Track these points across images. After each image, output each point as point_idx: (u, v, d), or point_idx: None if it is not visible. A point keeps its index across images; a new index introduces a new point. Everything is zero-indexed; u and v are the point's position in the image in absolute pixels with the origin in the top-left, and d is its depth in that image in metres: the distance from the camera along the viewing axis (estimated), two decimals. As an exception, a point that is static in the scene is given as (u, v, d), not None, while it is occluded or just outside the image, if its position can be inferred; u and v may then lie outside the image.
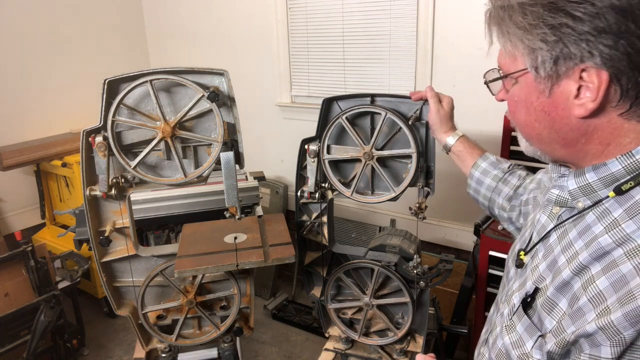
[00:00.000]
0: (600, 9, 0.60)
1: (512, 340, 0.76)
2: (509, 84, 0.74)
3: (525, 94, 0.72)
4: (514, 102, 0.75)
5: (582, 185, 0.71)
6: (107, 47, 3.48)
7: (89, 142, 1.45)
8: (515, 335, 0.76)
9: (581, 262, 0.67)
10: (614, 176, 0.67)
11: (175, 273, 1.44)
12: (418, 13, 2.47)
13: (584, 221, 0.72)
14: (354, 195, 1.59)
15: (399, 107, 1.52)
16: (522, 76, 0.71)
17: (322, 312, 1.78)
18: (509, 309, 0.81)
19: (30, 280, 2.42)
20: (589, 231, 0.69)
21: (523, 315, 0.75)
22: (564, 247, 0.74)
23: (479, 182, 1.28)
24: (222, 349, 1.75)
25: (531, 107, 0.72)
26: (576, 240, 0.71)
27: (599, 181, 0.69)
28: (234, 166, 1.47)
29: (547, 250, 0.79)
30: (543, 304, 0.72)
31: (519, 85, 0.72)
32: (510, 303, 0.81)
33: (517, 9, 0.67)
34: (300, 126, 2.96)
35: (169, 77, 1.43)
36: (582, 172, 0.71)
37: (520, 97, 0.73)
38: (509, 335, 0.77)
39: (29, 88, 3.07)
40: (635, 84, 0.63)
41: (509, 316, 0.80)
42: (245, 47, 3.23)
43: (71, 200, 3.03)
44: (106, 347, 2.84)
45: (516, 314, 0.77)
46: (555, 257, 0.75)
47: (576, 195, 0.73)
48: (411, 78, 2.60)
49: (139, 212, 2.26)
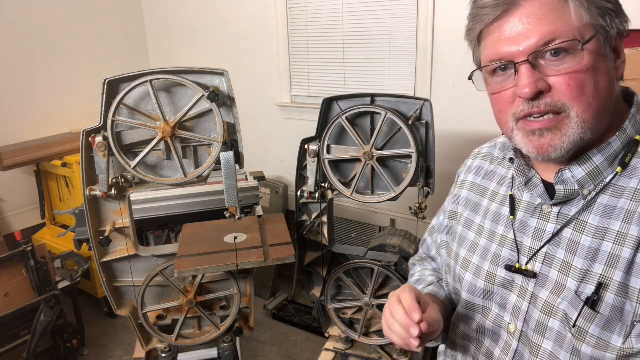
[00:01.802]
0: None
1: (592, 345, 0.72)
2: (584, 54, 0.70)
3: (596, 60, 0.70)
4: (583, 73, 0.70)
5: (591, 169, 0.74)
6: (107, 47, 3.48)
7: (89, 142, 1.45)
8: (592, 339, 0.72)
9: (637, 236, 0.69)
10: (615, 153, 0.73)
11: (175, 273, 1.44)
12: (418, 13, 2.47)
13: (598, 204, 0.74)
14: (354, 195, 1.59)
15: (399, 107, 1.52)
16: (594, 44, 0.70)
17: (322, 312, 1.78)
18: (560, 318, 0.76)
19: (30, 280, 2.42)
20: (617, 209, 0.72)
21: (594, 315, 0.72)
22: (596, 234, 0.73)
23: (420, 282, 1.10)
24: (222, 349, 1.75)
25: (599, 73, 0.71)
26: (608, 223, 0.72)
27: (605, 161, 0.73)
28: (234, 166, 1.47)
29: (570, 246, 0.76)
30: (618, 292, 0.70)
31: (589, 53, 0.70)
32: (557, 312, 0.77)
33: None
34: (300, 126, 2.96)
35: (169, 77, 1.43)
36: (588, 157, 0.74)
37: (592, 65, 0.70)
38: (584, 342, 0.73)
39: (29, 88, 3.07)
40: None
41: (569, 324, 0.75)
42: (245, 47, 3.23)
43: (71, 200, 3.03)
44: (106, 347, 2.84)
45: (582, 318, 0.73)
46: (591, 247, 0.73)
47: (584, 183, 0.75)
48: (411, 78, 2.60)
49: (139, 212, 2.26)
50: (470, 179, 1.00)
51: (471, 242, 0.94)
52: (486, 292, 0.89)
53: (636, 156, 0.73)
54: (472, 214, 0.96)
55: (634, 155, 0.73)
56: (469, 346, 0.95)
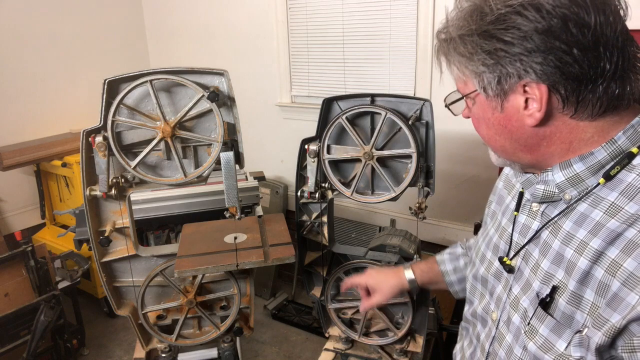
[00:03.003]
0: (526, 33, 0.67)
1: (538, 345, 0.75)
2: (470, 103, 0.82)
3: (482, 111, 0.79)
4: (475, 119, 0.83)
5: (571, 176, 0.75)
6: (107, 47, 3.48)
7: (89, 142, 1.45)
8: (540, 338, 0.75)
9: (596, 248, 0.69)
10: (600, 163, 0.72)
11: (175, 273, 1.44)
12: (418, 13, 2.47)
13: (576, 211, 0.75)
14: (354, 195, 1.59)
15: (399, 107, 1.52)
16: (476, 96, 0.79)
17: (322, 312, 1.78)
18: (521, 314, 0.80)
19: (30, 280, 2.42)
20: (588, 219, 0.72)
21: (545, 316, 0.75)
22: (564, 239, 0.75)
23: (461, 281, 1.24)
24: (222, 349, 1.75)
25: (489, 122, 0.79)
26: (576, 230, 0.73)
27: (586, 170, 0.73)
28: (234, 166, 1.47)
29: (543, 247, 0.79)
30: (569, 300, 0.72)
31: (476, 104, 0.80)
32: (520, 308, 0.81)
33: (458, 40, 0.74)
34: (300, 126, 2.97)
35: (169, 77, 1.43)
36: (569, 163, 0.75)
37: (479, 114, 0.80)
38: (532, 340, 0.76)
39: (28, 88, 3.07)
40: (573, 91, 0.69)
41: (525, 321, 0.79)
42: (245, 47, 3.23)
43: (71, 200, 3.03)
44: (106, 347, 2.84)
45: (535, 317, 0.77)
46: (558, 252, 0.75)
47: (563, 187, 0.76)
48: (411, 78, 2.60)
49: (139, 212, 2.26)
50: (507, 171, 1.05)
51: (488, 231, 1.00)
52: (483, 279, 0.96)
53: (626, 169, 0.70)
54: (497, 206, 1.01)
55: (624, 167, 0.70)
56: (469, 328, 1.04)
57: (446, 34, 0.78)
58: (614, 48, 0.67)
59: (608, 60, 0.67)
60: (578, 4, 0.66)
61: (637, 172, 0.69)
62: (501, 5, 0.69)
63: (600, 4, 0.66)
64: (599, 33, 0.66)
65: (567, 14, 0.66)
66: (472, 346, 1.01)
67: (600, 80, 0.68)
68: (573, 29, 0.66)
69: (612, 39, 0.67)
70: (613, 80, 0.68)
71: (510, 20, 0.68)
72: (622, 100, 0.70)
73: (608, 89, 0.68)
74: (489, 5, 0.70)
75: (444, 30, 0.78)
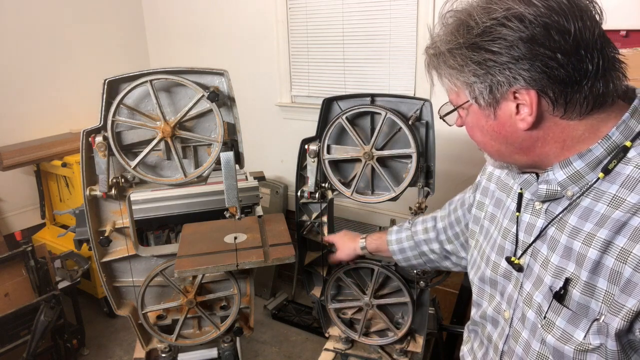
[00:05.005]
0: (512, 42, 0.71)
1: (556, 337, 0.78)
2: (463, 113, 0.85)
3: (475, 120, 0.83)
4: (469, 127, 0.86)
5: (571, 173, 0.78)
6: (107, 47, 3.48)
7: (89, 142, 1.45)
8: (557, 330, 0.78)
9: (604, 239, 0.72)
10: (597, 159, 0.76)
11: (175, 273, 1.44)
12: (418, 13, 2.47)
13: (580, 206, 0.78)
14: (354, 195, 1.59)
15: (399, 107, 1.52)
16: (469, 107, 0.82)
17: (322, 312, 1.79)
18: (535, 309, 0.83)
19: (30, 280, 2.42)
20: (593, 212, 0.76)
21: (561, 308, 0.78)
22: (572, 234, 0.78)
23: (402, 251, 1.40)
24: (222, 349, 1.75)
25: (483, 129, 0.83)
26: (582, 224, 0.77)
27: (586, 166, 0.77)
28: (234, 166, 1.47)
29: (551, 243, 0.82)
30: (583, 290, 0.74)
31: (470, 114, 0.83)
32: (533, 304, 0.84)
33: (447, 54, 0.78)
34: (300, 126, 2.97)
35: (169, 77, 1.43)
36: (568, 162, 0.78)
37: (472, 123, 0.84)
38: (550, 333, 0.79)
39: (29, 88, 3.07)
40: (561, 93, 0.73)
41: (541, 315, 0.82)
42: (245, 47, 3.23)
43: (71, 200, 3.03)
44: (106, 347, 2.84)
45: (550, 310, 0.80)
46: (566, 246, 0.78)
47: (565, 185, 0.79)
48: (411, 78, 2.60)
49: (139, 212, 2.26)
50: (497, 173, 1.07)
51: (491, 234, 1.02)
52: (492, 280, 0.98)
53: (623, 162, 0.74)
54: (496, 209, 1.03)
55: (620, 161, 0.74)
56: (478, 330, 1.06)
57: (435, 49, 0.81)
58: (594, 50, 0.71)
59: (590, 62, 0.71)
60: (557, 12, 0.70)
61: (633, 164, 0.73)
62: (486, 18, 0.73)
63: (578, 11, 0.71)
64: (579, 38, 0.70)
65: (548, 22, 0.70)
66: (483, 347, 1.04)
67: (584, 81, 0.72)
68: (555, 36, 0.70)
69: (591, 42, 0.71)
70: (597, 80, 0.72)
71: (496, 32, 0.72)
72: (607, 98, 0.75)
73: (593, 88, 0.73)
74: (474, 19, 0.74)
75: (432, 46, 0.82)
